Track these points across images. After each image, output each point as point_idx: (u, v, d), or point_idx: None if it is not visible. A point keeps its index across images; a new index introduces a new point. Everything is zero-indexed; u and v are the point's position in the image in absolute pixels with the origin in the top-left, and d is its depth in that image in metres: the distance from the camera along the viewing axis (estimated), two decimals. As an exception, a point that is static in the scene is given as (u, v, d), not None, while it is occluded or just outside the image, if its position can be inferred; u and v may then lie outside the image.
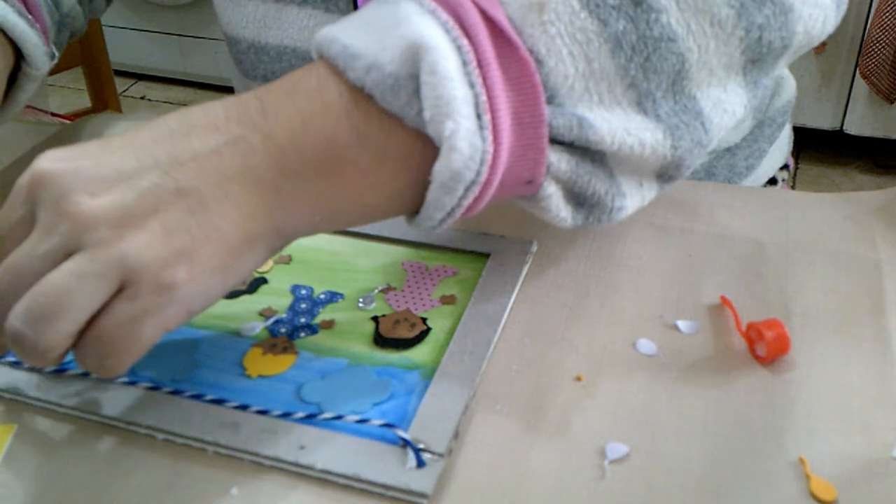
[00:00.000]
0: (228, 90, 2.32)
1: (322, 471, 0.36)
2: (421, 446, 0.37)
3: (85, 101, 1.00)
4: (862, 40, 1.82)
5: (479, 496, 0.36)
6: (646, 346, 0.43)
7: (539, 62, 0.37)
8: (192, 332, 0.45)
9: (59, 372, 0.41)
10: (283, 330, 0.45)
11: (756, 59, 0.40)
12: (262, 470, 0.37)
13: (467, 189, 0.37)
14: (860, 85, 1.89)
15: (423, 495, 0.35)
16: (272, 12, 0.62)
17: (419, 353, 0.43)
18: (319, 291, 0.47)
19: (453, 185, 0.36)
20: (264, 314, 0.46)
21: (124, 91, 2.42)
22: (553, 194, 0.39)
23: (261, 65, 0.65)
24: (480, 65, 0.36)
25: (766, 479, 0.36)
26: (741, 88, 0.41)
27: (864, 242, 0.50)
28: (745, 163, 0.71)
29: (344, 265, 0.50)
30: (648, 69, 0.38)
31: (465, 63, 0.35)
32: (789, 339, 0.41)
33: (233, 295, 0.47)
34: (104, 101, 0.98)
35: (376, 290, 0.47)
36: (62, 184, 0.34)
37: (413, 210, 0.39)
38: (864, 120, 1.94)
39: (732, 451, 0.37)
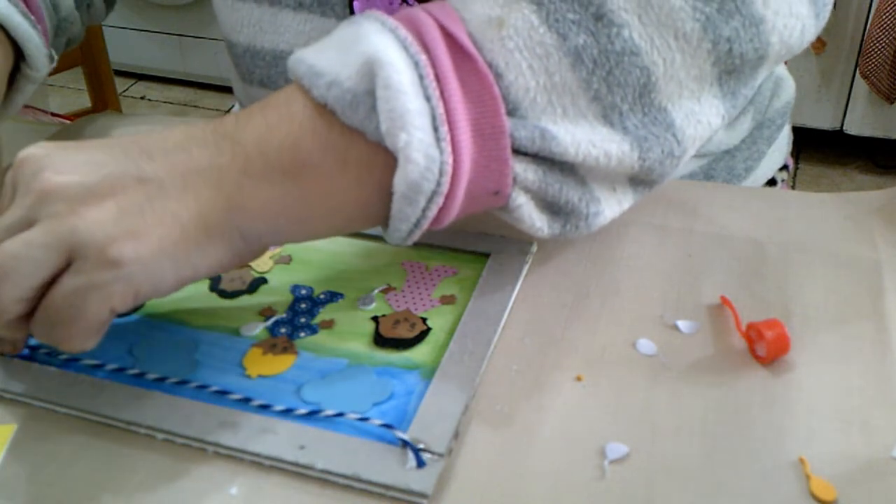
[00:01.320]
0: (229, 90, 2.32)
1: (322, 471, 0.36)
2: (421, 446, 0.37)
3: (85, 101, 0.99)
4: (862, 40, 1.82)
5: (479, 496, 0.36)
6: (646, 346, 0.43)
7: (498, 75, 0.38)
8: (192, 332, 0.45)
9: (25, 359, 0.42)
10: (283, 330, 0.45)
11: (730, 70, 0.41)
12: (262, 470, 0.37)
13: (429, 200, 0.38)
14: (860, 85, 1.89)
15: (423, 495, 0.35)
16: (267, 17, 0.61)
17: (419, 353, 0.43)
18: (319, 291, 0.47)
19: (413, 196, 0.37)
20: (264, 314, 0.46)
21: (124, 91, 2.42)
22: (524, 204, 0.40)
23: (257, 69, 0.64)
24: (438, 78, 0.37)
25: (766, 479, 0.36)
26: (717, 99, 0.41)
27: (864, 242, 0.50)
28: (743, 164, 0.71)
29: (344, 265, 0.50)
30: (612, 82, 0.39)
31: (421, 77, 0.37)
32: (789, 339, 0.41)
33: (233, 295, 0.47)
34: (104, 101, 0.98)
35: (376, 290, 0.47)
36: (37, 164, 0.36)
37: (383, 222, 0.40)
38: (864, 120, 1.94)
39: (732, 451, 0.37)
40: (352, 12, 0.61)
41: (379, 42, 0.37)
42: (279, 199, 0.38)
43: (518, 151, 0.39)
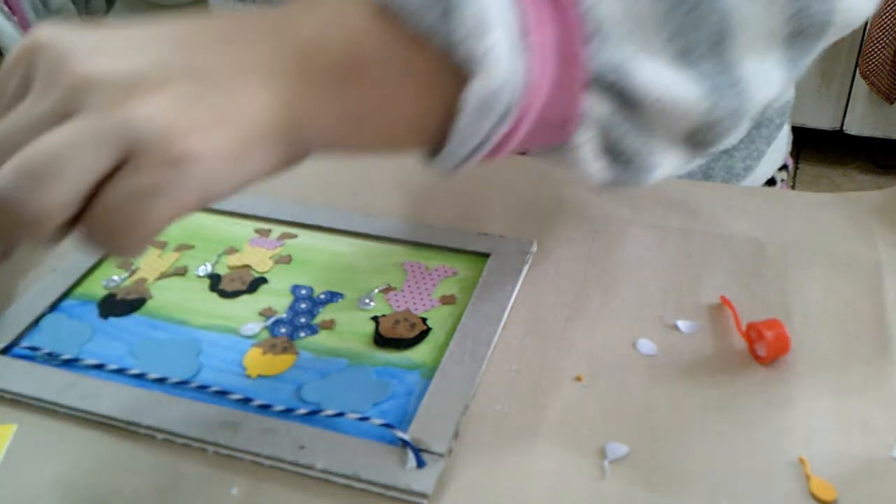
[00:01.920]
0: (228, 90, 2.31)
1: (322, 471, 0.36)
2: (421, 446, 0.37)
3: (85, 101, 1.00)
4: (862, 40, 1.82)
5: (479, 496, 0.36)
6: (646, 346, 0.43)
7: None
8: (192, 332, 0.45)
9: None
10: (283, 330, 0.45)
11: (797, 32, 0.39)
12: (262, 470, 0.37)
13: (500, 119, 0.34)
14: (860, 85, 1.89)
15: (423, 495, 0.35)
16: None
17: (419, 353, 0.43)
18: (319, 291, 0.47)
19: (485, 112, 0.34)
20: (264, 314, 0.46)
21: (124, 91, 2.42)
22: (586, 143, 0.37)
23: None
24: None
25: (766, 479, 0.36)
26: (780, 65, 0.39)
27: (864, 242, 0.50)
28: (742, 164, 0.71)
29: (344, 265, 0.50)
30: (692, 22, 0.36)
31: None
32: (789, 339, 0.41)
33: (233, 295, 0.47)
34: (104, 101, 0.98)
35: (376, 290, 0.47)
36: (62, 47, 0.31)
37: (433, 144, 0.37)
38: (864, 120, 1.94)
39: (732, 451, 0.37)
40: None
41: None
42: (334, 107, 0.34)
43: (591, 84, 0.36)
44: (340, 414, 0.39)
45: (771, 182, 0.75)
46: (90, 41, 0.31)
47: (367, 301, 0.47)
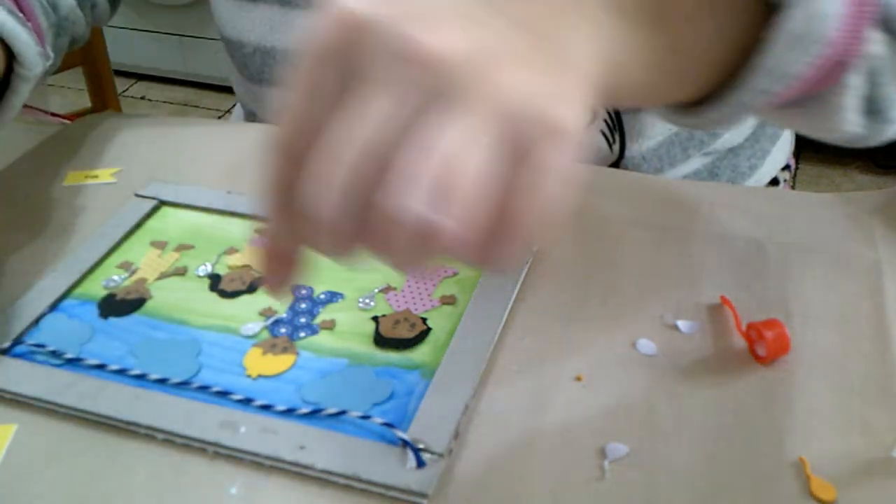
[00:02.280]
0: (229, 90, 2.31)
1: (322, 471, 0.36)
2: (421, 446, 0.37)
3: (85, 101, 0.99)
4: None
5: (479, 496, 0.36)
6: (646, 346, 0.43)
7: None
8: (192, 332, 0.45)
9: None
10: (283, 330, 0.45)
11: None
12: (262, 470, 0.37)
13: (809, 52, 0.32)
14: (860, 85, 1.88)
15: (423, 495, 0.35)
16: (279, 16, 0.62)
17: (419, 353, 0.43)
18: (319, 291, 0.47)
19: (800, 42, 0.32)
20: (264, 314, 0.46)
21: (124, 91, 2.42)
22: (852, 89, 0.36)
23: (266, 69, 0.65)
24: None
25: (766, 479, 0.36)
26: None
27: (864, 242, 0.50)
28: (748, 163, 0.71)
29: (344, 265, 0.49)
30: None
31: None
32: (789, 339, 0.41)
33: (233, 295, 0.47)
34: (104, 101, 0.98)
35: (376, 290, 0.47)
36: (391, 26, 0.26)
37: (717, 85, 0.35)
38: (864, 120, 1.94)
39: (732, 451, 0.37)
40: None
41: None
42: (647, 51, 0.32)
43: (878, 22, 0.34)
44: (341, 413, 0.39)
45: (774, 182, 0.75)
46: (414, 12, 0.26)
47: (367, 301, 0.47)
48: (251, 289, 0.48)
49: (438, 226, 0.24)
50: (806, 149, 2.08)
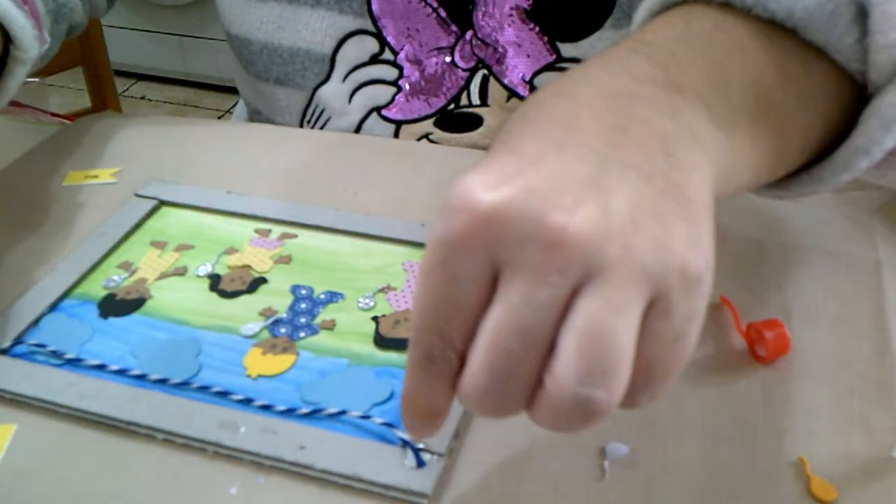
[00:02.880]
0: (229, 90, 2.32)
1: (322, 471, 0.36)
2: (421, 446, 0.37)
3: (85, 101, 0.99)
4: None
5: (479, 496, 0.36)
6: (646, 346, 0.43)
7: None
8: (192, 332, 0.45)
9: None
10: (283, 330, 0.45)
11: None
12: (262, 470, 0.37)
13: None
14: (860, 85, 1.88)
15: (423, 495, 0.35)
16: (287, 13, 0.63)
17: (419, 353, 0.43)
18: (319, 291, 0.47)
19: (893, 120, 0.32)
20: (264, 314, 0.46)
21: (124, 91, 2.42)
22: None
23: (273, 66, 0.65)
24: None
25: (766, 479, 0.36)
26: None
27: (864, 242, 0.50)
28: None
29: (344, 265, 0.50)
30: None
31: None
32: (789, 339, 0.41)
33: (233, 295, 0.47)
34: (104, 101, 0.98)
35: (376, 290, 0.47)
36: (525, 213, 0.26)
37: (798, 167, 0.36)
38: (864, 120, 1.93)
39: (732, 451, 0.37)
40: (369, 9, 0.62)
41: None
42: (748, 152, 0.32)
43: None
44: (341, 413, 0.39)
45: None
46: (544, 194, 0.27)
47: (367, 301, 0.47)
48: (251, 289, 0.48)
49: (597, 400, 0.26)
50: (806, 149, 2.07)
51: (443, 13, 0.62)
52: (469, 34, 0.62)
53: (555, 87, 0.31)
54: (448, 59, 0.63)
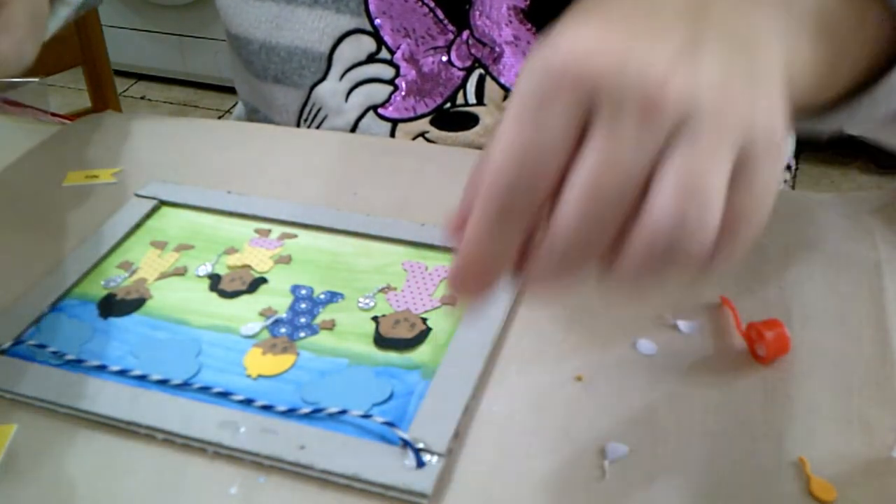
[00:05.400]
0: (228, 90, 2.32)
1: (322, 471, 0.36)
2: (421, 446, 0.37)
3: (85, 101, 1.00)
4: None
5: (479, 496, 0.36)
6: (646, 346, 0.43)
7: None
8: (192, 332, 0.45)
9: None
10: (283, 330, 0.45)
11: None
12: (262, 470, 0.37)
13: None
14: (860, 85, 1.88)
15: (423, 495, 0.35)
16: (285, 13, 0.64)
17: (419, 353, 0.43)
18: (319, 291, 0.47)
19: None
20: (264, 314, 0.46)
21: (124, 91, 2.42)
22: None
23: (272, 65, 0.66)
24: None
25: (766, 479, 0.36)
26: None
27: (864, 242, 0.50)
28: None
29: (344, 265, 0.50)
30: None
31: None
32: (789, 339, 0.41)
33: (233, 295, 0.47)
34: (104, 101, 0.98)
35: (376, 290, 0.47)
36: (628, 62, 0.27)
37: (851, 92, 0.39)
38: (864, 120, 1.94)
39: (732, 451, 0.37)
40: (366, 9, 0.62)
41: None
42: (811, 62, 0.34)
43: None
44: (341, 413, 0.39)
45: (775, 181, 0.75)
46: (642, 52, 0.28)
47: (367, 301, 0.47)
48: (251, 289, 0.48)
49: (691, 242, 0.27)
50: (806, 149, 2.08)
51: (439, 13, 0.62)
52: (466, 34, 0.62)
53: None
54: (444, 58, 0.63)
